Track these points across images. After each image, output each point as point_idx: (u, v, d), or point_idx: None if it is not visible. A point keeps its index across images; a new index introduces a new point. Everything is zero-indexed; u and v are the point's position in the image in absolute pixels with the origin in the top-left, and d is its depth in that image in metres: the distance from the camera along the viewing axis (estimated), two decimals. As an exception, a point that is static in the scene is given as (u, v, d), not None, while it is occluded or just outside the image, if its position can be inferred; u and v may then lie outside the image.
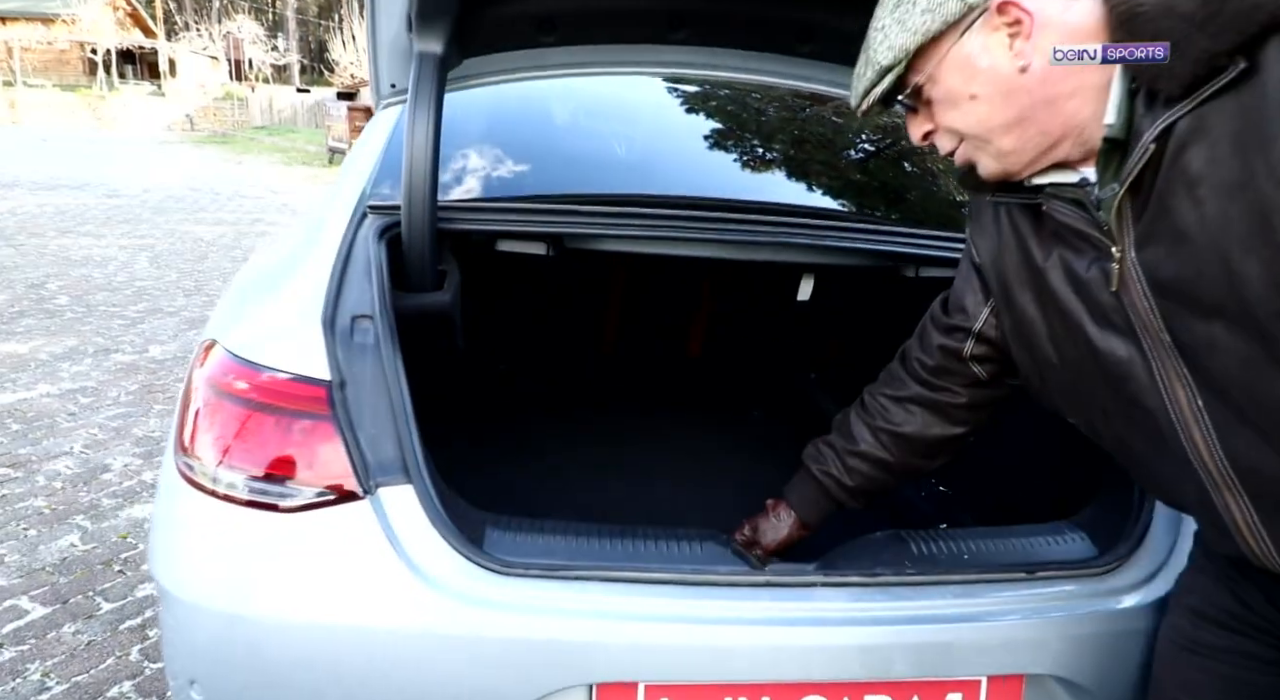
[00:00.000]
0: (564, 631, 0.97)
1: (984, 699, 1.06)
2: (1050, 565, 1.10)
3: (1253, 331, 0.68)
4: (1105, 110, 0.74)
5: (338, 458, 0.99)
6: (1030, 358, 0.93)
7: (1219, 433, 0.74)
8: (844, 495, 1.14)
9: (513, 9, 1.38)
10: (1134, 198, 0.74)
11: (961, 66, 0.79)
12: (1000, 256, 0.93)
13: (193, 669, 1.00)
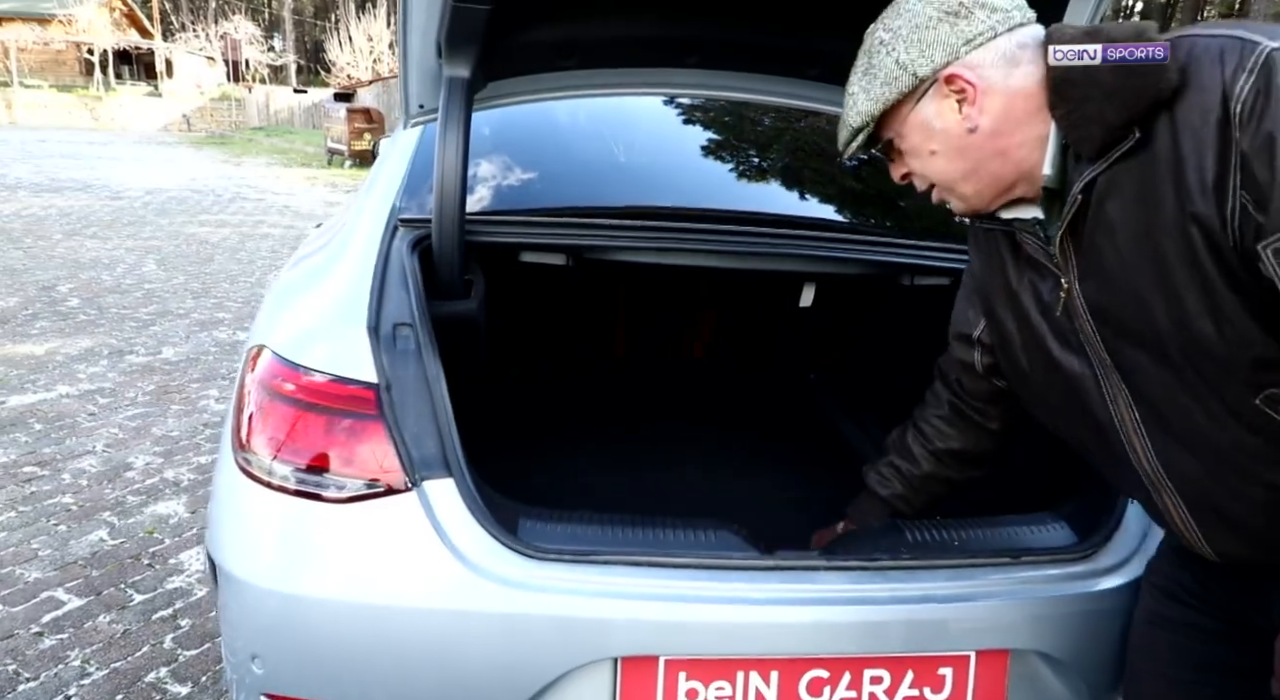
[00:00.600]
0: (592, 610, 1.07)
1: (973, 672, 1.16)
2: (1033, 551, 1.20)
3: (1166, 360, 0.81)
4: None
5: (387, 454, 1.09)
6: (1011, 368, 1.05)
7: (1153, 442, 0.86)
8: (909, 510, 1.30)
9: (535, 36, 1.48)
10: (1073, 237, 0.86)
11: (920, 127, 0.91)
12: (988, 274, 1.05)
13: (254, 644, 1.10)
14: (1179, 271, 0.76)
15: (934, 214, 2.04)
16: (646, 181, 1.87)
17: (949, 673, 1.16)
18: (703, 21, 1.50)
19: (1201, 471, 0.84)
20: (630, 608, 1.08)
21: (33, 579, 2.27)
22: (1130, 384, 0.86)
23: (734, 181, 1.94)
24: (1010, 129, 0.85)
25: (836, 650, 1.13)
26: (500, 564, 1.07)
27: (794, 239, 1.62)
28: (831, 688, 1.14)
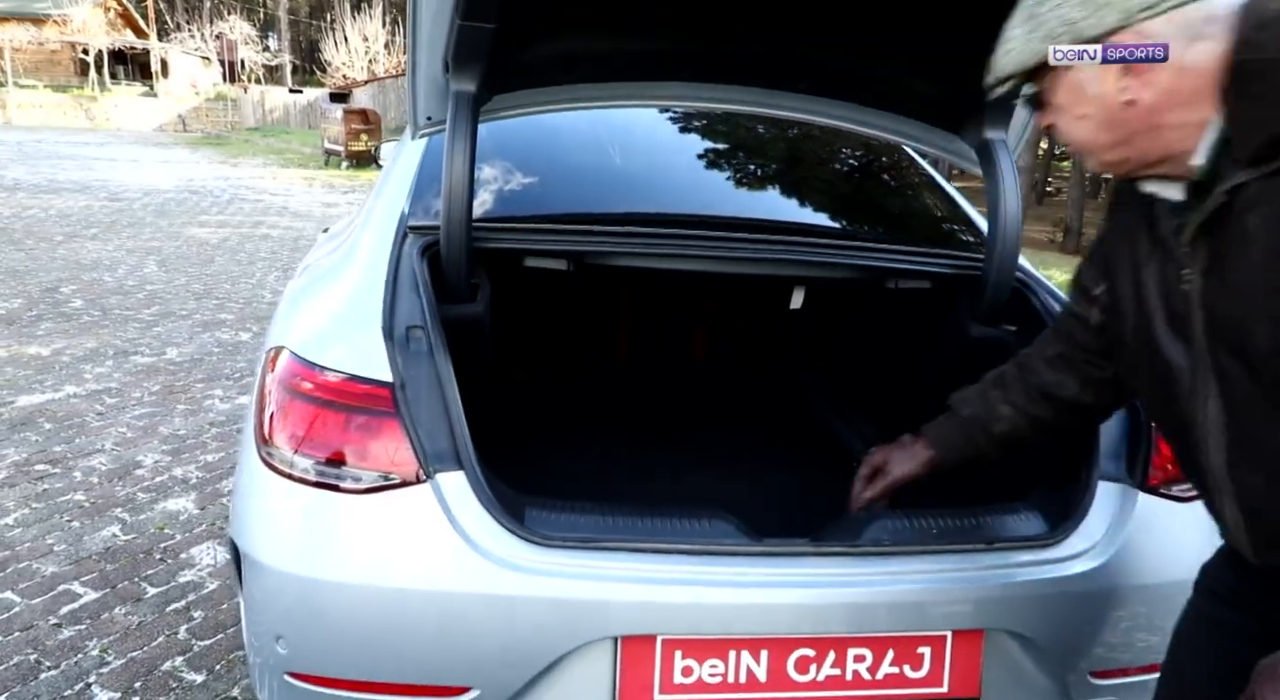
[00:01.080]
0: (593, 593, 1.15)
1: (949, 651, 1.25)
2: (1006, 538, 1.29)
3: (1258, 378, 0.80)
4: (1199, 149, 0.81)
5: (403, 448, 1.17)
6: (1115, 336, 1.02)
7: (1227, 447, 0.86)
8: (984, 441, 1.21)
9: (537, 52, 1.56)
10: (1207, 234, 0.82)
11: (1073, 89, 0.86)
12: (1120, 238, 1.00)
13: (278, 626, 1.18)
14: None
15: (916, 220, 2.13)
16: (644, 189, 1.96)
17: (927, 651, 1.25)
18: (696, 38, 1.59)
19: (1264, 486, 0.85)
20: (630, 591, 1.16)
21: (49, 573, 2.34)
22: (1222, 388, 0.85)
23: (728, 189, 2.03)
24: (1171, 108, 0.80)
25: (822, 630, 1.21)
26: (508, 550, 1.14)
27: (784, 244, 1.71)
28: (817, 665, 1.22)
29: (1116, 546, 1.28)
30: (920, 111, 1.76)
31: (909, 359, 2.02)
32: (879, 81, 1.70)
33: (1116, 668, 1.32)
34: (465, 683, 1.15)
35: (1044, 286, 1.72)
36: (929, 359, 1.93)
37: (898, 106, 1.75)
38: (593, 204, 1.83)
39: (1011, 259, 1.67)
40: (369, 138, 16.52)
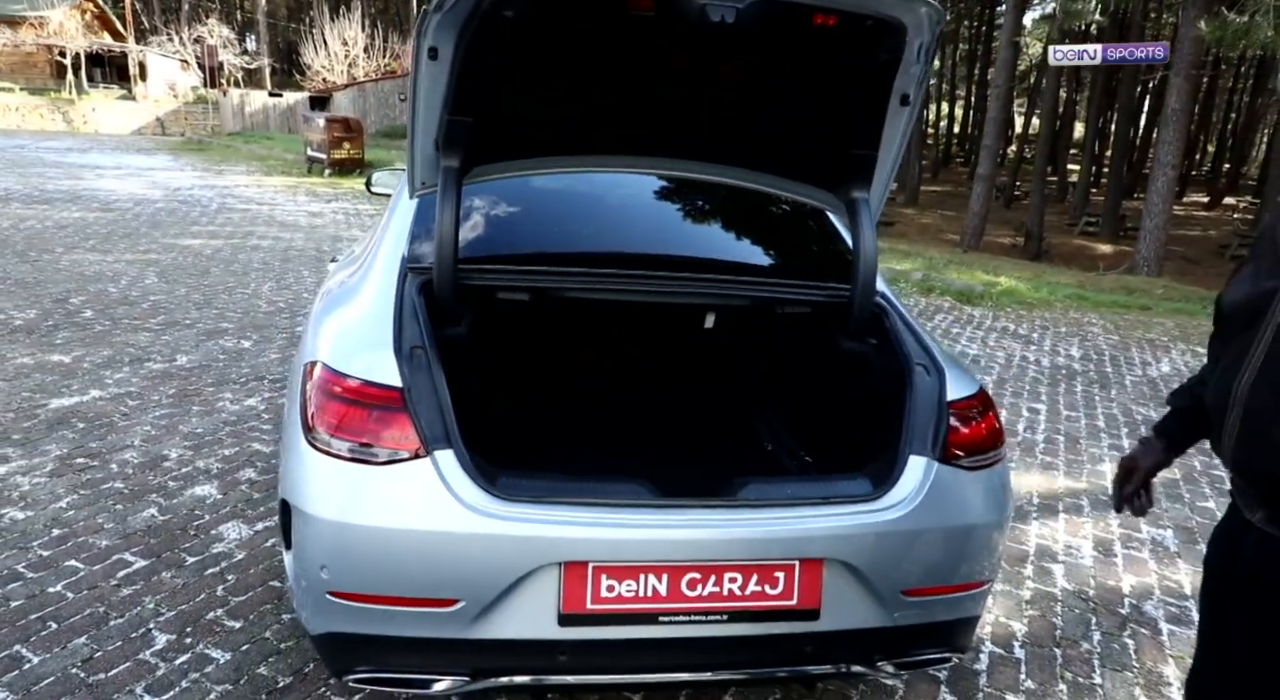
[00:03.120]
0: (546, 533, 1.65)
1: (798, 574, 1.76)
2: (840, 496, 1.80)
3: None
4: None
5: (410, 434, 1.66)
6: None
7: (1260, 373, 1.17)
8: (1198, 423, 1.48)
9: (507, 135, 2.07)
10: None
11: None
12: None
13: (322, 557, 1.67)
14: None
15: (803, 258, 2.66)
16: (592, 236, 2.48)
17: (782, 575, 1.76)
18: (628, 125, 2.11)
19: (1268, 399, 1.15)
20: (571, 531, 1.66)
21: (104, 545, 2.81)
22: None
23: (658, 235, 2.56)
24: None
25: (706, 559, 1.71)
26: (485, 503, 1.64)
27: (699, 280, 2.24)
28: (703, 585, 1.73)
29: (919, 501, 1.80)
30: (807, 176, 2.28)
31: (797, 366, 2.56)
32: (777, 154, 2.24)
33: (919, 588, 1.83)
34: (455, 595, 1.65)
35: (897, 308, 2.25)
36: (811, 366, 2.47)
37: (791, 173, 2.28)
38: (551, 249, 2.35)
39: (870, 288, 2.20)
40: (351, 146, 16.92)
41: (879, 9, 1.75)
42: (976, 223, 17.94)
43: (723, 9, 1.66)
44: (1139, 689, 2.46)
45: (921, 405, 1.91)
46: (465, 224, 2.24)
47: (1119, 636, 2.73)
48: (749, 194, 2.42)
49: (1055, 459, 4.25)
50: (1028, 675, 2.49)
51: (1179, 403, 1.63)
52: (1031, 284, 9.44)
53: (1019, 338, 6.87)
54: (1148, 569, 3.19)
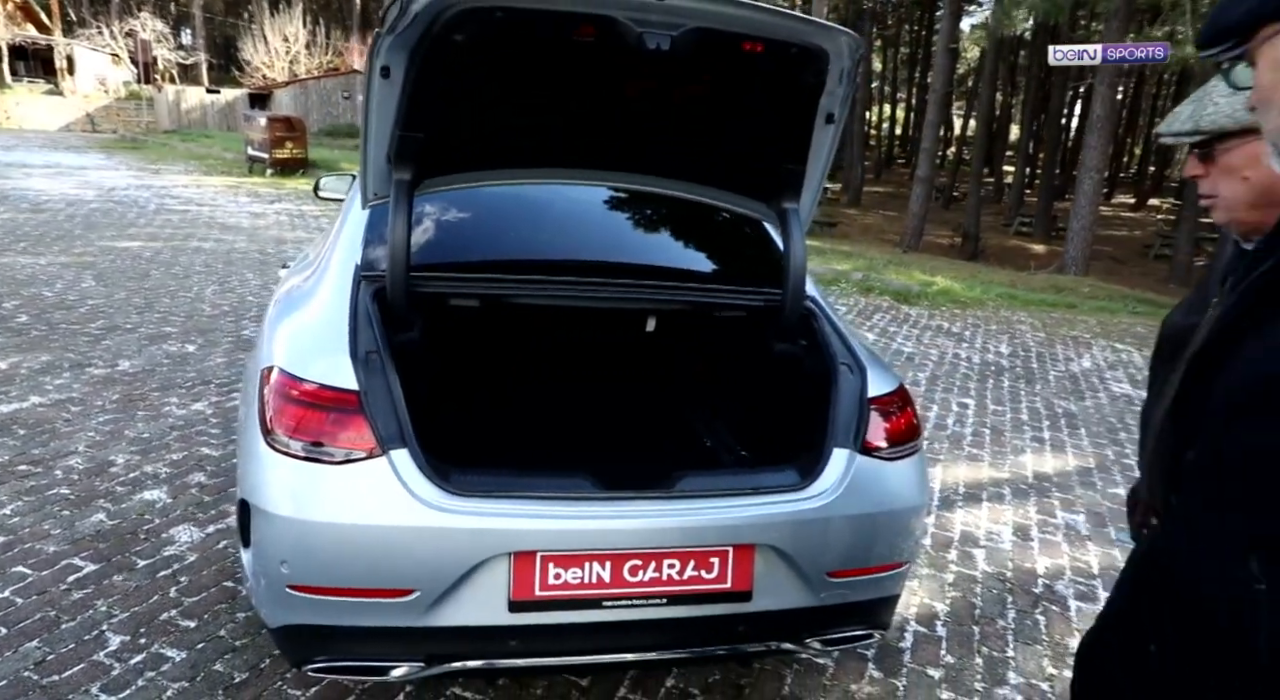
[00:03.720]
0: (495, 524, 1.76)
1: (731, 559, 1.90)
2: (769, 487, 1.95)
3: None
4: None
5: (367, 434, 1.76)
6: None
7: (1175, 404, 1.14)
8: None
9: (455, 150, 2.17)
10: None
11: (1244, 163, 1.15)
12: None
13: (282, 553, 1.75)
14: None
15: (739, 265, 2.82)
16: (539, 245, 2.60)
17: (716, 560, 1.89)
18: (581, 139, 2.23)
19: (1171, 429, 1.14)
20: (519, 523, 1.78)
21: (51, 551, 2.82)
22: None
23: (603, 243, 2.69)
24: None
25: (646, 547, 1.84)
26: (438, 498, 1.74)
27: (641, 286, 2.37)
28: (643, 570, 1.85)
29: (841, 490, 1.96)
30: (740, 187, 2.43)
31: (732, 366, 2.72)
32: (714, 168, 2.38)
33: (843, 569, 1.99)
34: (411, 586, 1.75)
35: (825, 311, 2.41)
36: (745, 366, 2.63)
37: (727, 185, 2.43)
38: (500, 257, 2.46)
39: (800, 293, 2.35)
40: (294, 145, 16.67)
41: (802, 37, 1.91)
42: (916, 223, 18.47)
43: (658, 37, 1.79)
44: (1047, 660, 2.68)
45: (845, 401, 2.07)
46: (417, 233, 2.33)
47: (1032, 614, 2.94)
48: (688, 205, 2.57)
49: (981, 451, 4.50)
50: (948, 651, 2.68)
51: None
52: (966, 283, 9.82)
53: (952, 336, 7.17)
54: (1061, 551, 3.42)
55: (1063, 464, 4.43)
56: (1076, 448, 4.69)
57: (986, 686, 2.52)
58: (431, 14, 1.76)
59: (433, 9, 1.75)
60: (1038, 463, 4.40)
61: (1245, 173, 1.19)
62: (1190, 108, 1.27)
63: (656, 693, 2.36)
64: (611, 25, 1.78)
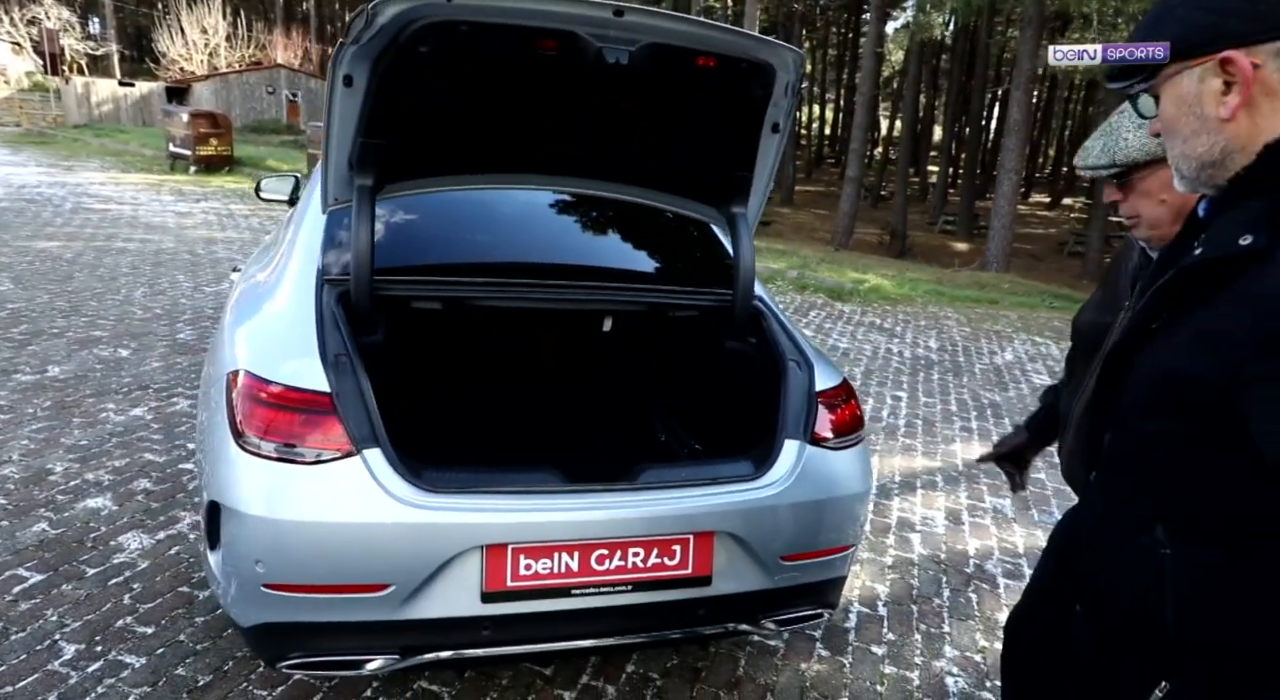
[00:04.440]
0: (468, 519, 1.83)
1: (692, 546, 2.00)
2: (726, 478, 2.06)
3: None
4: None
5: (341, 434, 1.80)
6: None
7: (1092, 398, 1.22)
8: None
9: (416, 156, 2.22)
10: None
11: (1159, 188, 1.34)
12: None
13: (257, 553, 1.78)
14: None
15: (691, 267, 2.93)
16: (499, 249, 2.66)
17: (678, 548, 2.00)
18: (541, 146, 2.30)
19: (1089, 425, 1.23)
20: (490, 517, 1.85)
21: (-6, 562, 2.76)
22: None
23: (561, 247, 2.77)
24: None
25: (612, 536, 1.93)
26: (412, 495, 1.80)
27: (597, 288, 2.46)
28: (610, 559, 1.95)
29: (793, 479, 2.09)
30: (690, 192, 2.54)
31: (686, 363, 2.84)
32: (668, 174, 2.48)
33: (795, 553, 2.12)
34: (386, 581, 1.80)
35: (772, 310, 2.54)
36: (698, 363, 2.74)
37: (680, 191, 2.54)
38: (462, 260, 2.52)
39: (749, 293, 2.47)
40: (219, 142, 16.17)
41: (751, 53, 2.03)
42: (846, 222, 18.98)
43: (617, 52, 1.88)
44: (979, 634, 2.87)
45: (794, 395, 2.20)
46: (379, 237, 2.36)
47: (965, 592, 3.14)
48: (643, 209, 2.67)
49: (914, 441, 4.72)
50: (889, 629, 2.85)
51: (1046, 400, 1.91)
52: (895, 281, 10.19)
53: (884, 331, 7.46)
54: (989, 533, 3.65)
55: (989, 451, 4.69)
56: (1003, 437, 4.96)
57: (925, 660, 2.70)
58: (398, 26, 1.82)
59: (399, 21, 1.80)
60: (967, 451, 4.65)
61: (1161, 196, 1.34)
62: (1101, 142, 1.41)
63: (618, 679, 2.46)
64: (573, 40, 1.87)
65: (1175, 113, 1.02)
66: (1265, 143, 0.93)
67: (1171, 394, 0.96)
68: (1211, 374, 0.91)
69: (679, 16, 1.93)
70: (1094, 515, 1.18)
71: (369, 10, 1.79)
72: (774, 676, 2.54)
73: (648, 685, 2.45)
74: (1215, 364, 0.90)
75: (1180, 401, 0.95)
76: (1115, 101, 18.18)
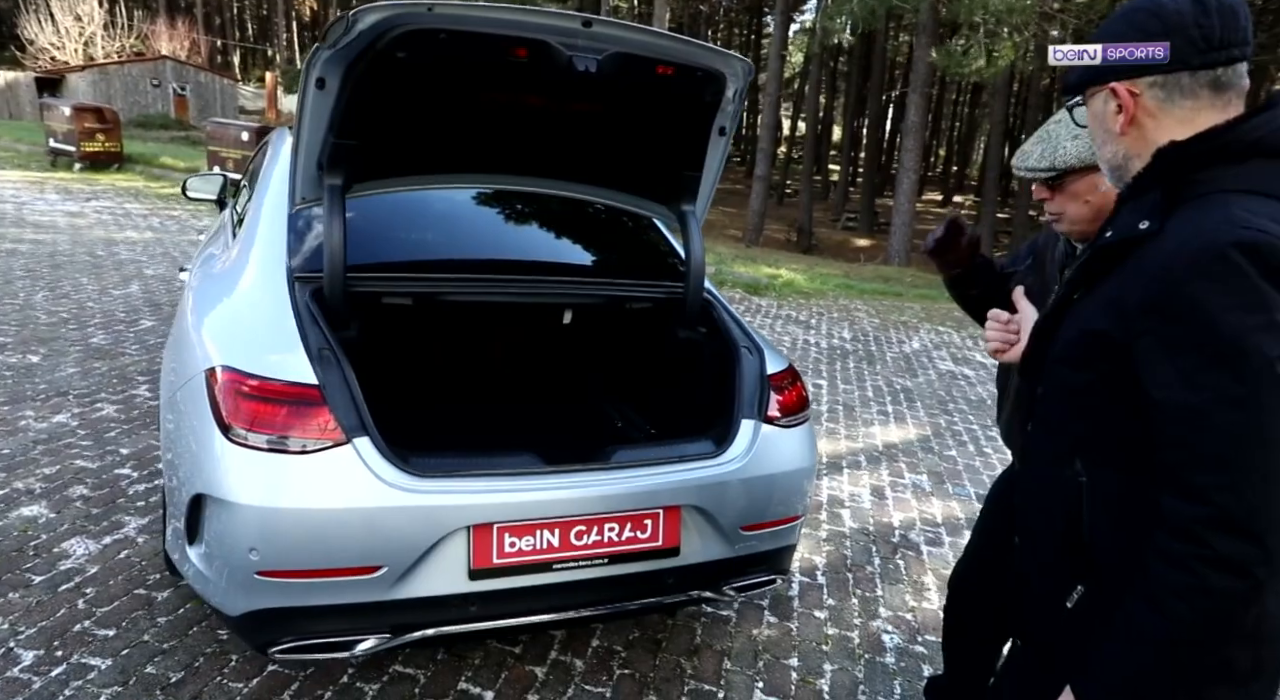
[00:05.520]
0: (455, 501, 1.93)
1: (661, 520, 2.16)
2: (690, 456, 2.23)
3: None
4: None
5: (333, 424, 1.87)
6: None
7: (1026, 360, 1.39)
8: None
9: (385, 156, 2.30)
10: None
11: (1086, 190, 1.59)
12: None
13: (251, 541, 1.83)
14: None
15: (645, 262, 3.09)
16: (465, 245, 2.75)
17: (649, 522, 2.15)
18: (508, 147, 2.41)
19: (1025, 389, 1.38)
20: (476, 498, 1.95)
21: (-69, 574, 2.66)
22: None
23: (523, 243, 2.88)
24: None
25: (589, 513, 2.07)
26: (401, 480, 1.89)
27: (557, 281, 2.58)
28: (588, 534, 2.08)
29: (751, 455, 2.27)
30: (644, 191, 2.70)
31: (641, 352, 2.99)
32: (624, 174, 2.62)
33: (753, 523, 2.30)
34: (379, 562, 1.89)
35: (722, 303, 2.72)
36: (652, 351, 2.90)
37: (635, 190, 2.68)
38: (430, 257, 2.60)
39: (700, 285, 2.65)
40: (106, 138, 15.31)
41: (706, 62, 2.19)
42: (756, 220, 19.52)
43: (586, 60, 2.01)
44: (909, 595, 3.14)
45: (748, 379, 2.38)
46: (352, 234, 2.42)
47: (893, 559, 3.41)
48: (600, 208, 2.80)
49: (837, 425, 5.02)
50: (829, 595, 3.08)
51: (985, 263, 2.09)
52: (807, 276, 10.62)
53: (800, 323, 7.80)
54: (911, 506, 3.95)
55: (905, 433, 5.03)
56: (915, 419, 5.33)
57: (863, 620, 2.94)
58: (377, 32, 1.90)
59: (379, 28, 1.89)
60: (885, 433, 4.97)
61: (1087, 197, 1.59)
62: (1040, 148, 1.65)
63: (585, 653, 2.59)
64: (544, 49, 1.99)
65: (1092, 126, 1.25)
66: (1156, 148, 1.16)
67: (1088, 349, 1.19)
68: (1115, 331, 1.13)
69: (642, 28, 2.08)
70: (1030, 457, 1.40)
71: (349, 17, 1.87)
72: (729, 642, 2.73)
73: (613, 657, 2.59)
74: (1117, 323, 1.12)
75: (1094, 355, 1.17)
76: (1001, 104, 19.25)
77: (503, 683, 2.41)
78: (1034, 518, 1.35)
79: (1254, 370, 0.98)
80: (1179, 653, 1.05)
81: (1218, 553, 0.99)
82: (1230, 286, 0.99)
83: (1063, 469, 1.24)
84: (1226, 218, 1.03)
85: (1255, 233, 1.00)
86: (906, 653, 2.77)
